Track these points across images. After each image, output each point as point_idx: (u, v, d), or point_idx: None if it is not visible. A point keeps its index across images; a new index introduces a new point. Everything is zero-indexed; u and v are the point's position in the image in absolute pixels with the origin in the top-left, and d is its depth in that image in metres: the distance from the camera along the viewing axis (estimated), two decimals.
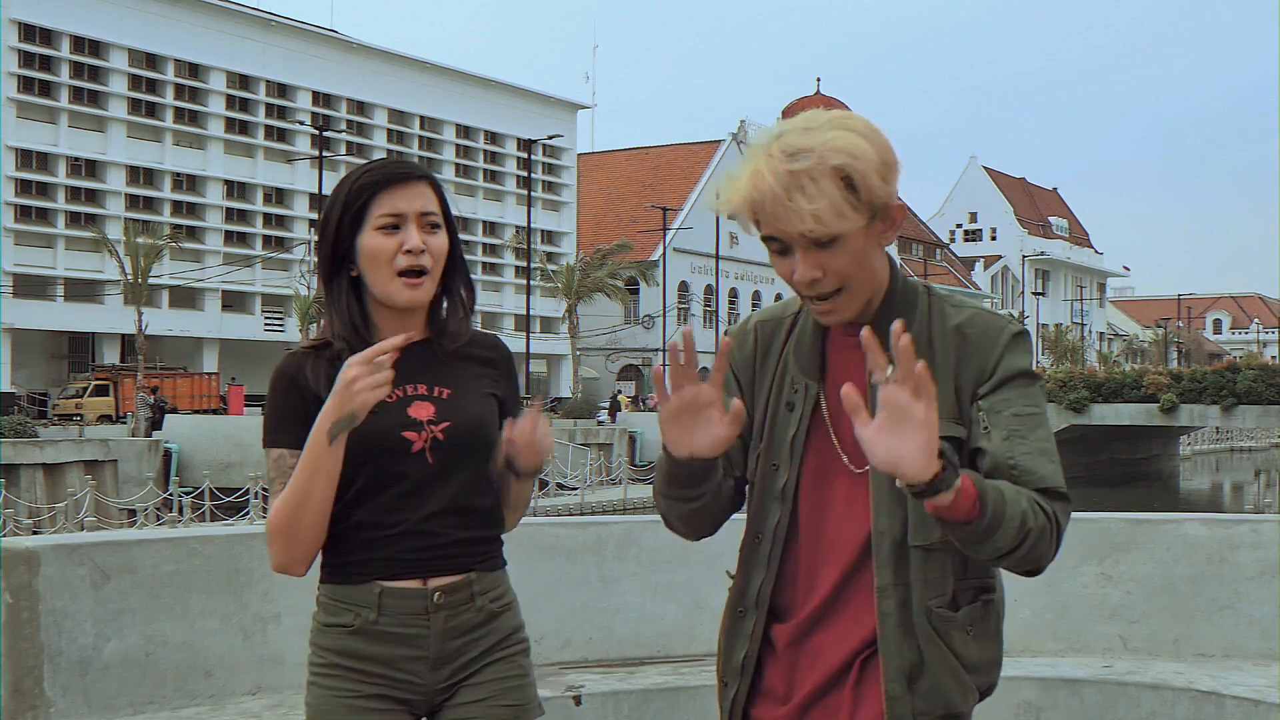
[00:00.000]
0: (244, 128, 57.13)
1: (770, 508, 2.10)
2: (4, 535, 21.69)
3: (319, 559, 2.34)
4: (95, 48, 51.93)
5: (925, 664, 1.99)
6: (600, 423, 47.53)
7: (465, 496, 2.32)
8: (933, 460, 1.76)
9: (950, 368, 2.02)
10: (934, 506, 1.81)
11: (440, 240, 2.33)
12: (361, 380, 2.16)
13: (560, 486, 36.72)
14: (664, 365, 2.12)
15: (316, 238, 2.39)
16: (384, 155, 62.07)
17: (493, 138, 67.15)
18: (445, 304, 2.39)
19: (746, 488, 2.19)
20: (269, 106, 57.91)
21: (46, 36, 50.57)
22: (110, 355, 52.04)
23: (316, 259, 2.38)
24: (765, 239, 1.96)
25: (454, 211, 2.42)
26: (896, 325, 1.75)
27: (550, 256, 66.77)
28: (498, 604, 2.37)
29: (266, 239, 57.78)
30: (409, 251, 2.28)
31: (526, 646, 2.42)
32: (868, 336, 1.76)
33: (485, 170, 66.87)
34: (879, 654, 2.00)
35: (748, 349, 2.18)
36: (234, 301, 55.45)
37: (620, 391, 58.91)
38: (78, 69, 51.70)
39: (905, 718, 1.99)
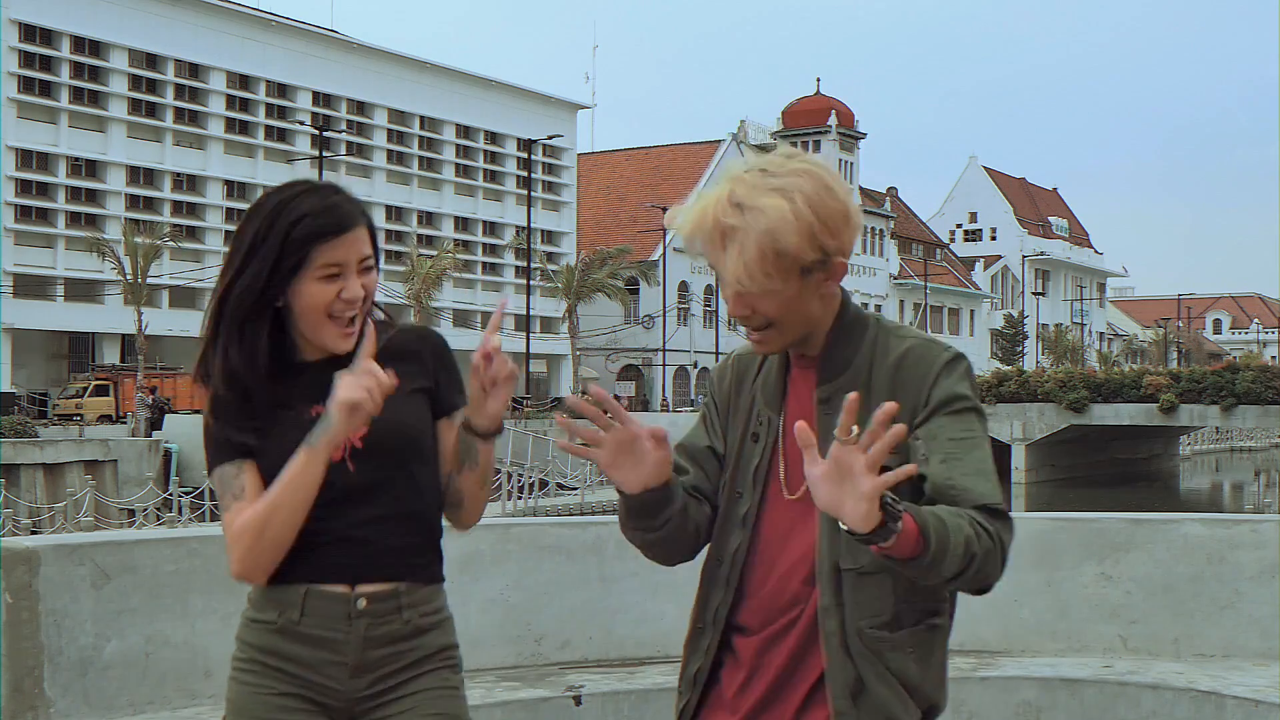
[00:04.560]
0: (244, 128, 57.14)
1: (732, 533, 2.19)
2: (4, 535, 21.69)
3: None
4: (95, 48, 51.93)
5: (865, 681, 2.06)
6: None
7: (398, 502, 2.29)
8: (873, 514, 1.83)
9: (886, 398, 2.04)
10: (878, 549, 1.89)
11: (372, 279, 2.30)
12: (353, 388, 2.18)
13: (560, 486, 36.74)
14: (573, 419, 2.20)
15: (234, 266, 2.26)
16: (384, 155, 62.14)
17: (493, 138, 67.14)
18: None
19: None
20: (269, 106, 57.92)
21: (46, 36, 50.57)
22: (110, 355, 52.04)
23: (227, 287, 2.26)
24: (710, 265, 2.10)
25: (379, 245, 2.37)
26: (850, 397, 1.84)
27: (550, 256, 66.75)
28: (427, 619, 2.32)
29: None
30: (347, 300, 2.25)
31: (456, 663, 2.37)
32: (851, 400, 1.84)
33: (485, 170, 66.86)
34: (825, 672, 2.08)
35: (726, 382, 2.30)
36: None
37: (619, 398, 58.96)
38: (78, 69, 51.71)
39: None
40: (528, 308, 54.04)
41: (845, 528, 1.87)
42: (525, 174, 61.59)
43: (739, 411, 2.24)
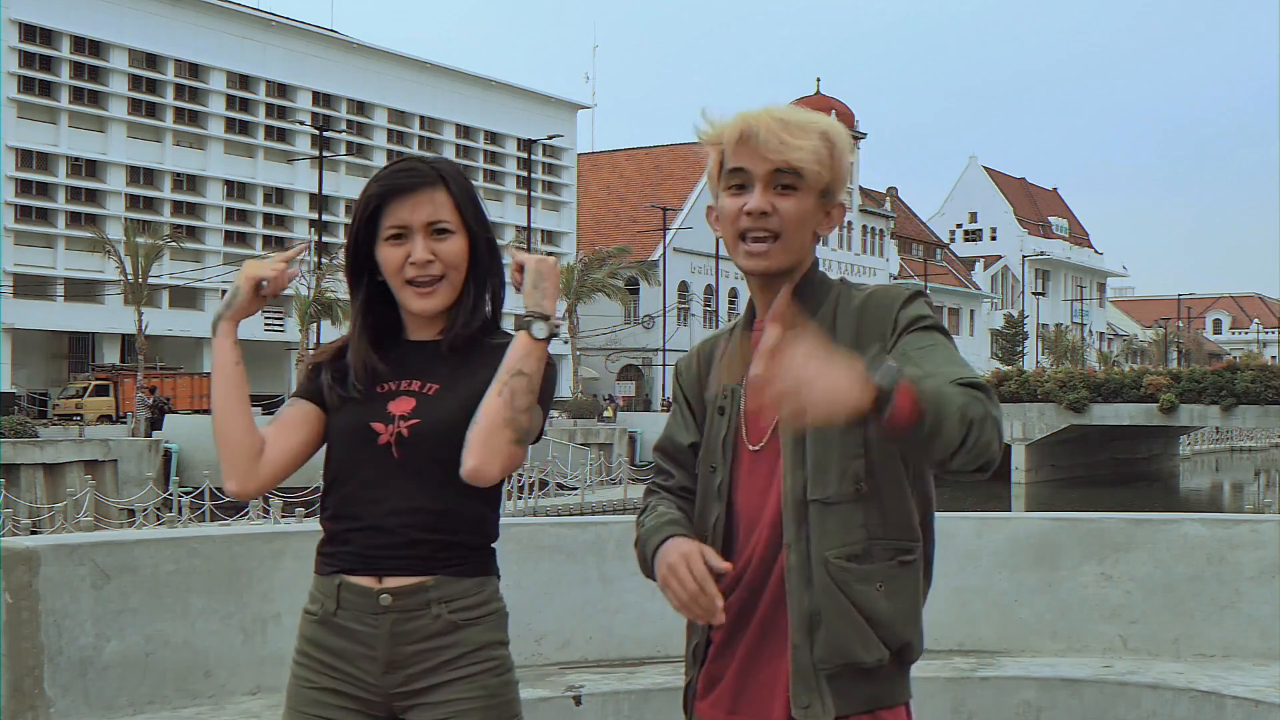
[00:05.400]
0: (244, 128, 57.12)
1: (710, 507, 2.23)
2: (4, 535, 21.69)
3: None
4: (95, 48, 51.92)
5: (823, 615, 2.07)
6: (601, 420, 47.67)
7: (435, 497, 2.25)
8: (865, 382, 1.80)
9: (850, 342, 2.10)
10: (888, 420, 1.83)
11: (451, 246, 2.29)
12: (254, 263, 2.34)
13: (560, 486, 36.74)
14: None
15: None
16: (384, 155, 62.09)
17: (493, 138, 67.13)
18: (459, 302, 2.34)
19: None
20: (269, 106, 57.89)
21: (46, 36, 50.56)
22: (110, 355, 52.03)
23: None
24: (731, 171, 2.18)
25: (479, 207, 2.36)
26: (784, 290, 1.98)
27: (550, 256, 66.70)
28: (463, 615, 2.26)
29: (266, 239, 57.78)
30: (414, 263, 2.28)
31: (496, 665, 2.30)
32: (781, 301, 1.92)
33: (485, 170, 66.82)
34: (785, 607, 2.10)
35: (692, 371, 2.36)
36: None
37: (612, 398, 59.43)
38: (78, 69, 51.69)
39: (805, 667, 2.07)
40: None
41: (854, 414, 1.81)
42: (525, 174, 61.57)
43: (709, 392, 2.29)
